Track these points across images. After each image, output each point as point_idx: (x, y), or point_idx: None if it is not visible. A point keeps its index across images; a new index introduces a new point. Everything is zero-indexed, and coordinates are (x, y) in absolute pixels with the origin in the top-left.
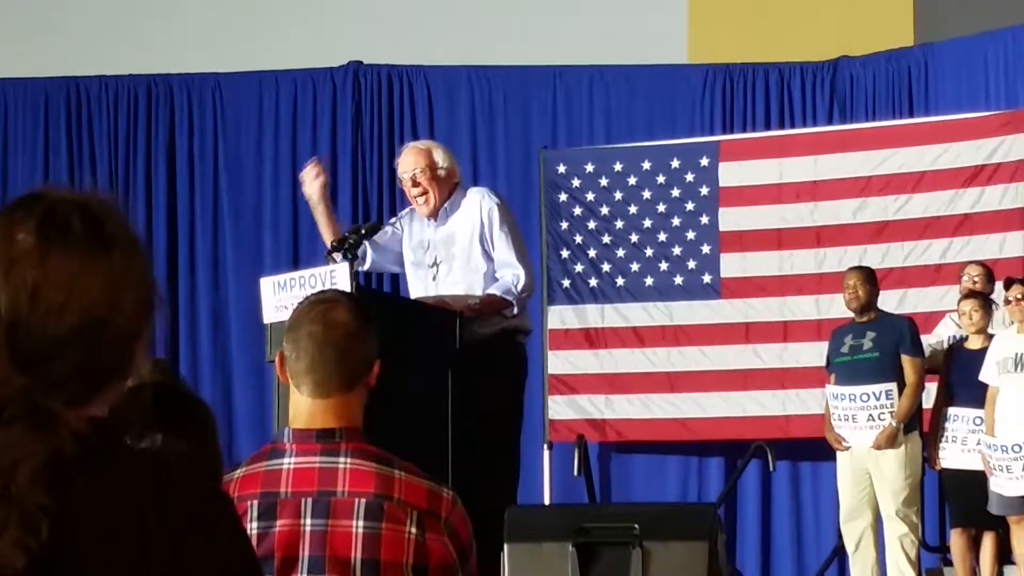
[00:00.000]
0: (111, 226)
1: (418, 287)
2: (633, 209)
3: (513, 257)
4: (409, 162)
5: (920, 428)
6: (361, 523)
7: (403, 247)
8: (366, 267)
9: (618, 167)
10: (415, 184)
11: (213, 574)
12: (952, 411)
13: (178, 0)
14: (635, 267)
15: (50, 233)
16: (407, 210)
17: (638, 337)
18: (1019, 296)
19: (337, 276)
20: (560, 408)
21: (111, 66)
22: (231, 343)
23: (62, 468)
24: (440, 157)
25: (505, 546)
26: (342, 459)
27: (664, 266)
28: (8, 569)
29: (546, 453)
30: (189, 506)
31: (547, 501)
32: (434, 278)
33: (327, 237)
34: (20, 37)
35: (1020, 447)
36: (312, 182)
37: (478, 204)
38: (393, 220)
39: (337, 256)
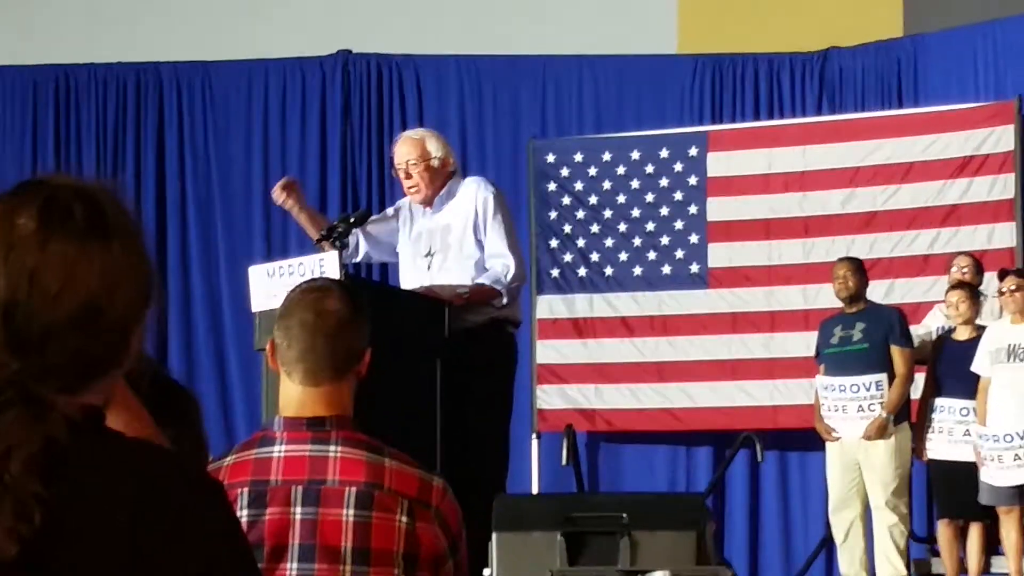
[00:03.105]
0: (112, 215)
1: (411, 277)
2: (622, 199)
3: (504, 247)
4: (403, 152)
5: (909, 419)
6: (351, 512)
7: (400, 237)
8: (358, 258)
9: (607, 157)
10: (407, 176)
11: (206, 561)
12: (939, 402)
13: None
14: (623, 256)
15: (51, 219)
16: (406, 199)
17: (627, 327)
18: (1014, 287)
19: (326, 264)
20: (549, 397)
21: (100, 54)
22: (225, 332)
23: (55, 456)
24: (433, 147)
25: (493, 535)
26: (332, 447)
27: (652, 255)
28: (1, 556)
29: (535, 442)
30: (183, 494)
31: (535, 490)
32: (428, 268)
33: (314, 235)
34: (8, 25)
35: (1012, 437)
36: (283, 193)
37: (473, 193)
38: (392, 210)
39: (326, 244)
